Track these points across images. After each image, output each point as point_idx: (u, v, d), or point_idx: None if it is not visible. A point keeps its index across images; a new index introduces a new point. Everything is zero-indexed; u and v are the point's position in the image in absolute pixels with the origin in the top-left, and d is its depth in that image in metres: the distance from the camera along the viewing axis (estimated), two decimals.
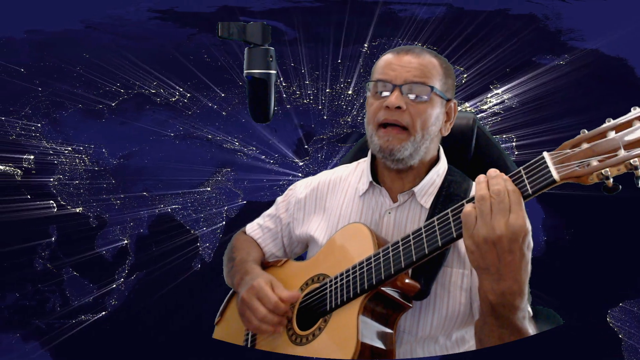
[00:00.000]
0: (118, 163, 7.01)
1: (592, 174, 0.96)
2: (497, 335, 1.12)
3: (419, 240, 1.19)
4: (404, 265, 1.20)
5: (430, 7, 7.10)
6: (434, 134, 1.38)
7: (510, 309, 1.06)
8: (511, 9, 7.18)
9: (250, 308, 1.37)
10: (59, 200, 6.92)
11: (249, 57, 1.31)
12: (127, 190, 6.95)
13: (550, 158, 1.01)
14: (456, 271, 1.34)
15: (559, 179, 0.99)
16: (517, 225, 1.00)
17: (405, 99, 1.33)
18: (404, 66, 1.35)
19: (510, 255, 1.01)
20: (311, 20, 6.97)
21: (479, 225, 1.02)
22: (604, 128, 0.98)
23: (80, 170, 6.99)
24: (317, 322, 1.32)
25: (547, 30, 7.22)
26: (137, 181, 7.00)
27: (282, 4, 7.03)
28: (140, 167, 7.04)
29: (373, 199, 1.47)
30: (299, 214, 1.60)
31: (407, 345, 1.37)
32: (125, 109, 7.12)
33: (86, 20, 7.03)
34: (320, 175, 1.65)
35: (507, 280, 1.03)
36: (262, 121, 1.37)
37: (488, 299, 1.07)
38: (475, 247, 1.03)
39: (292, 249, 1.67)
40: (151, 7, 6.99)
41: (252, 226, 1.72)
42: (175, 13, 7.14)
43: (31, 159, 6.93)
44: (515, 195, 1.03)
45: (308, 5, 7.06)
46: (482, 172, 1.10)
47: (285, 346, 1.34)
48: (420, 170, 1.42)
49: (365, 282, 1.25)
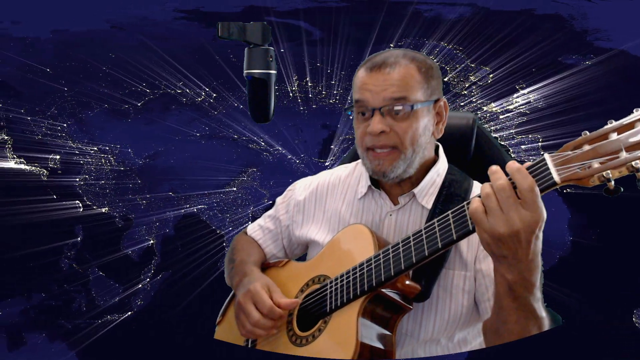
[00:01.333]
0: (144, 163, 7.00)
1: (594, 176, 0.96)
2: (514, 319, 1.11)
3: (419, 242, 1.18)
4: (404, 267, 1.20)
5: (455, 7, 7.09)
6: (426, 143, 1.36)
7: (528, 287, 1.06)
8: (537, 9, 7.17)
9: (245, 312, 1.37)
10: (85, 200, 6.92)
11: (249, 57, 1.32)
12: (153, 190, 6.94)
13: (551, 159, 1.00)
14: (458, 273, 1.33)
15: (559, 181, 0.98)
16: (533, 218, 0.99)
17: (387, 120, 1.30)
18: (379, 85, 1.31)
19: (527, 243, 1.01)
20: (338, 20, 6.96)
21: (493, 222, 1.01)
22: (605, 130, 0.97)
23: (106, 170, 6.98)
24: (317, 323, 1.32)
25: (573, 30, 7.20)
26: (163, 181, 7.00)
27: (309, 4, 7.03)
28: (166, 167, 7.03)
29: (373, 201, 1.46)
30: (298, 216, 1.60)
31: (409, 347, 1.37)
32: (151, 109, 7.12)
33: (112, 20, 7.03)
34: (319, 175, 1.64)
35: (524, 262, 1.03)
36: (262, 121, 1.37)
37: (505, 278, 1.06)
38: (492, 241, 1.03)
39: (292, 250, 1.66)
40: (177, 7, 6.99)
41: (253, 227, 1.72)
42: (201, 13, 7.14)
43: (57, 159, 6.92)
44: (527, 184, 1.00)
45: (334, 5, 7.05)
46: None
47: (285, 347, 1.35)
48: (418, 174, 1.40)
49: (365, 283, 1.25)
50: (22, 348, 6.60)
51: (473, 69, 7.05)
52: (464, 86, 7.05)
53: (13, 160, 6.91)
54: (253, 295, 1.37)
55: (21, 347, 6.61)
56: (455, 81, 7.04)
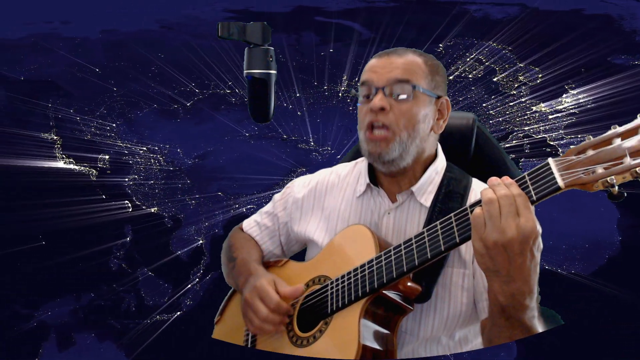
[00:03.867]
0: (193, 163, 6.99)
1: (598, 182, 0.96)
2: (507, 335, 1.12)
3: (422, 245, 1.19)
4: (406, 269, 1.20)
5: (504, 7, 7.08)
6: (424, 133, 1.36)
7: (520, 309, 1.07)
8: (585, 9, 7.16)
9: (253, 308, 1.36)
10: (134, 200, 6.91)
11: (249, 57, 1.31)
12: (202, 190, 6.93)
13: (555, 164, 1.00)
14: (457, 271, 1.33)
15: (563, 186, 0.99)
16: (528, 227, 1.00)
17: (389, 100, 1.33)
18: (386, 67, 1.35)
19: (520, 257, 1.01)
20: (386, 20, 6.96)
21: (489, 229, 1.01)
22: (609, 135, 0.97)
23: (155, 170, 6.98)
24: (318, 324, 1.32)
25: (622, 30, 7.19)
26: (212, 181, 6.98)
27: (357, 4, 7.03)
28: (215, 167, 7.02)
29: (371, 199, 1.46)
30: (297, 213, 1.59)
31: (409, 346, 1.37)
32: (200, 109, 7.12)
33: (161, 20, 7.04)
34: (318, 174, 1.64)
35: (517, 281, 1.03)
36: (262, 121, 1.37)
37: (498, 300, 1.07)
38: (485, 250, 1.02)
39: (289, 248, 1.65)
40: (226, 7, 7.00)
41: (249, 223, 1.70)
42: (251, 13, 7.15)
43: (106, 159, 6.92)
44: (522, 198, 1.01)
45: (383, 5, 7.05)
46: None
47: (285, 347, 1.35)
48: (416, 170, 1.40)
49: (367, 285, 1.25)
50: (72, 348, 6.59)
51: (522, 69, 7.05)
52: (513, 86, 7.04)
53: (62, 160, 6.91)
54: (260, 291, 1.37)
55: (70, 348, 6.59)
56: (504, 81, 7.03)
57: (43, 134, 6.92)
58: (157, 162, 6.99)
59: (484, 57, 7.00)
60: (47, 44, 6.96)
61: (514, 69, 7.09)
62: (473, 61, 6.92)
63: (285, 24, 7.02)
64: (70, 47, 6.99)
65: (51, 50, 6.84)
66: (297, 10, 6.87)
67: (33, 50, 7.03)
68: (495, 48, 7.14)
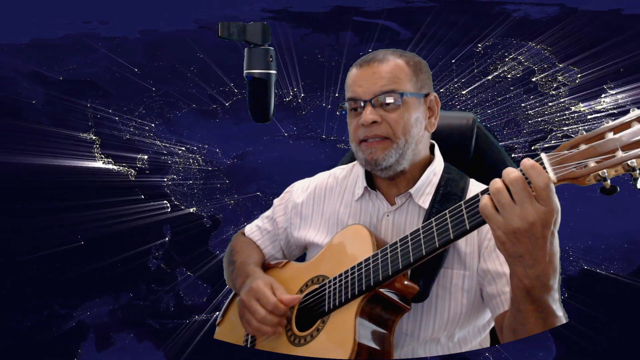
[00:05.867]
0: (232, 163, 7.00)
1: (590, 175, 0.95)
2: (533, 321, 1.09)
3: (417, 241, 1.18)
4: (402, 266, 1.19)
5: (543, 7, 7.07)
6: (418, 135, 1.36)
7: (545, 291, 1.05)
8: (624, 9, 7.15)
9: (250, 310, 1.36)
10: (173, 200, 6.91)
11: (249, 57, 1.30)
12: (241, 190, 6.93)
13: (547, 159, 0.99)
14: (457, 272, 1.32)
15: (556, 180, 0.98)
16: (548, 211, 0.98)
17: (378, 112, 1.31)
18: (369, 79, 1.33)
19: (543, 239, 0.99)
20: (425, 20, 6.95)
21: (507, 216, 0.99)
22: (602, 129, 0.96)
23: (194, 170, 6.98)
24: (316, 323, 1.32)
25: None
26: (251, 181, 6.98)
27: (396, 4, 7.02)
28: (253, 167, 7.02)
29: (370, 202, 1.45)
30: (296, 218, 1.58)
31: (409, 347, 1.36)
32: (239, 109, 7.12)
33: (200, 20, 7.05)
34: (316, 177, 1.63)
35: (541, 263, 1.02)
36: (261, 121, 1.35)
37: (523, 284, 1.05)
38: (507, 238, 1.01)
39: (290, 252, 1.64)
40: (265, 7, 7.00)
41: (251, 228, 1.69)
42: (289, 13, 7.15)
43: (145, 159, 6.93)
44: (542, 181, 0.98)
45: (422, 5, 7.04)
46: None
47: (284, 347, 1.35)
48: (413, 173, 1.39)
49: (363, 283, 1.24)
50: (111, 348, 6.58)
51: (561, 70, 7.04)
52: (552, 86, 7.03)
53: (101, 160, 6.92)
54: (256, 293, 1.36)
55: (110, 347, 6.59)
56: (543, 82, 7.02)
57: (82, 134, 6.93)
58: (196, 162, 7.00)
59: (523, 57, 6.99)
60: (87, 44, 6.97)
61: (553, 70, 7.08)
62: (512, 61, 6.92)
63: (324, 24, 7.02)
64: (109, 47, 7.01)
65: (90, 50, 6.84)
66: (335, 10, 6.87)
67: (72, 50, 7.04)
68: (534, 48, 7.12)
